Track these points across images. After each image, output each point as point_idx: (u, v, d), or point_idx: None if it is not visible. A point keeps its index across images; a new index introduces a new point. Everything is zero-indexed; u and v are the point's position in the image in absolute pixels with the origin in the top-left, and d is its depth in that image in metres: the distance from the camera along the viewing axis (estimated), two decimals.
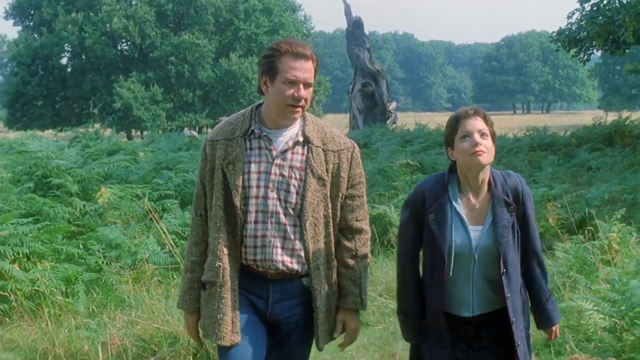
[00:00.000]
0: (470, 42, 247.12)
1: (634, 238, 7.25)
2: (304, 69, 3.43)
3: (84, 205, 9.72)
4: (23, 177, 11.59)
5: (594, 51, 21.96)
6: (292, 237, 3.50)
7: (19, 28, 58.77)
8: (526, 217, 3.55)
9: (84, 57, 53.11)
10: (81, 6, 51.91)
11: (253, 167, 3.49)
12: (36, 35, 54.46)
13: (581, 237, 7.62)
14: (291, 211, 3.49)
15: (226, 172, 3.49)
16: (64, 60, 55.45)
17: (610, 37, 19.56)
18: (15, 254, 7.18)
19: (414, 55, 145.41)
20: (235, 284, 3.53)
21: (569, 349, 5.33)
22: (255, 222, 3.49)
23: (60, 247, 7.67)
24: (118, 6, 51.52)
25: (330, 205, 3.56)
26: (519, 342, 3.49)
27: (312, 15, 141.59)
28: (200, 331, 3.70)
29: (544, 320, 3.69)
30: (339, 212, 3.61)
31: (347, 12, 31.55)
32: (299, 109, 3.47)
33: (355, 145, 3.65)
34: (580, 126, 23.33)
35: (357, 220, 3.63)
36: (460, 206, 3.51)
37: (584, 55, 21.60)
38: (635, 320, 5.10)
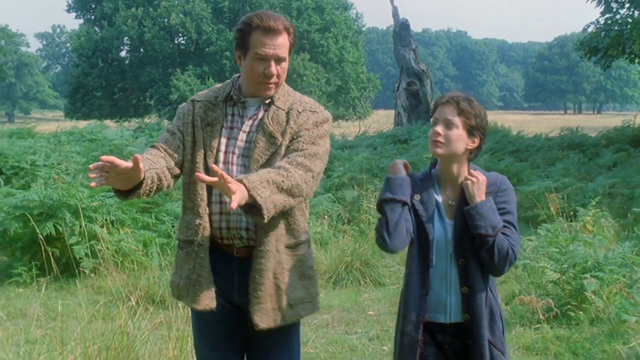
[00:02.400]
0: (524, 40, 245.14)
1: (603, 220, 8.75)
2: (275, 45, 3.24)
3: None
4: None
5: (613, 60, 22.72)
6: None
7: (80, 21, 61.19)
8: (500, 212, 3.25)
9: (142, 50, 54.98)
10: (141, 1, 54.15)
11: (225, 132, 3.35)
12: (97, 29, 56.41)
13: (562, 219, 9.02)
14: None
15: (204, 132, 3.36)
16: (123, 53, 57.41)
17: (624, 48, 20.63)
18: (104, 220, 8.72)
19: (466, 53, 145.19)
20: (209, 247, 3.34)
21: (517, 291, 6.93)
22: None
23: (138, 216, 9.32)
24: (176, 2, 53.37)
25: None
26: (482, 342, 3.22)
27: (364, 12, 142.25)
28: (173, 291, 3.47)
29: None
30: None
31: (395, 13, 32.70)
32: (272, 85, 3.31)
33: (329, 115, 3.41)
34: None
35: (288, 162, 3.20)
36: (439, 198, 3.33)
37: (604, 63, 22.41)
38: (572, 274, 6.65)
